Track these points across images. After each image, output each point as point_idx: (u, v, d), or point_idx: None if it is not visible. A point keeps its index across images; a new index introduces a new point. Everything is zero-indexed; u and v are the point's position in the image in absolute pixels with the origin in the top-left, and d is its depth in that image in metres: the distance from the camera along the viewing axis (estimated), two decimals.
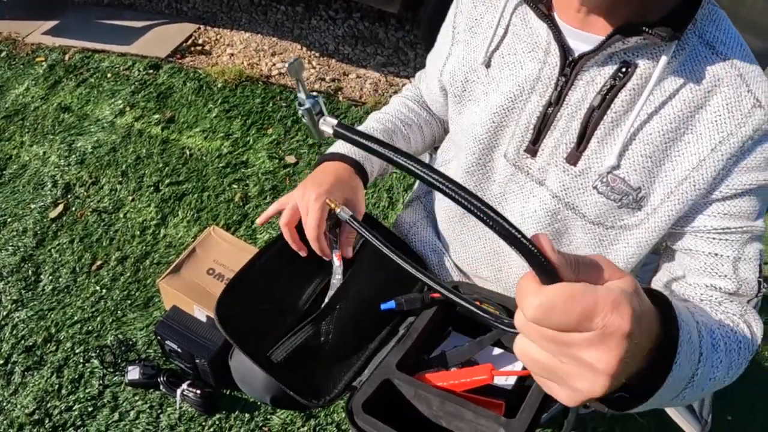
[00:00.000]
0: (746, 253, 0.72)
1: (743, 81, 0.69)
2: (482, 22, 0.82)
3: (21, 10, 2.80)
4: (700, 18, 0.69)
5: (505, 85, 0.77)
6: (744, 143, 0.68)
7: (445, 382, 0.75)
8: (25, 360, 1.51)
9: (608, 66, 0.69)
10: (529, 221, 0.81)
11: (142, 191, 1.95)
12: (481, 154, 0.82)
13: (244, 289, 0.85)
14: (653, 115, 0.69)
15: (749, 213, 0.71)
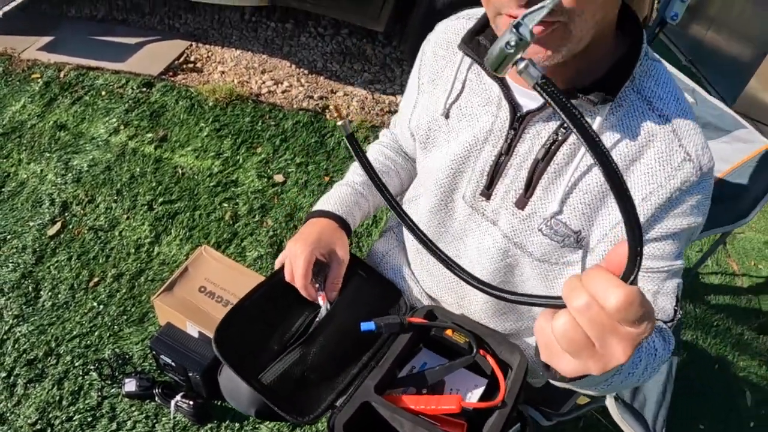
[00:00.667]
0: (665, 288, 0.83)
1: (676, 136, 0.78)
2: (442, 76, 0.94)
3: (16, 24, 2.89)
4: (639, 74, 0.79)
5: (462, 135, 0.89)
6: (672, 194, 0.78)
7: (417, 406, 0.89)
8: (27, 372, 1.63)
9: (552, 122, 0.81)
10: (484, 256, 0.94)
11: (136, 210, 2.09)
12: (443, 196, 0.95)
13: (241, 317, 0.99)
14: (591, 167, 0.80)
15: (671, 254, 0.82)
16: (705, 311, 2.59)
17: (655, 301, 0.84)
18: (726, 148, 1.49)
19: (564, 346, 0.50)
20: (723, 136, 1.49)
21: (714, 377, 2.32)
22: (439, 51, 0.95)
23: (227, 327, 0.96)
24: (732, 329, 2.58)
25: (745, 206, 1.46)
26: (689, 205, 0.79)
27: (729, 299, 2.74)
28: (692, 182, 0.78)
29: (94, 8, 3.15)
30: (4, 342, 1.68)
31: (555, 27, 0.67)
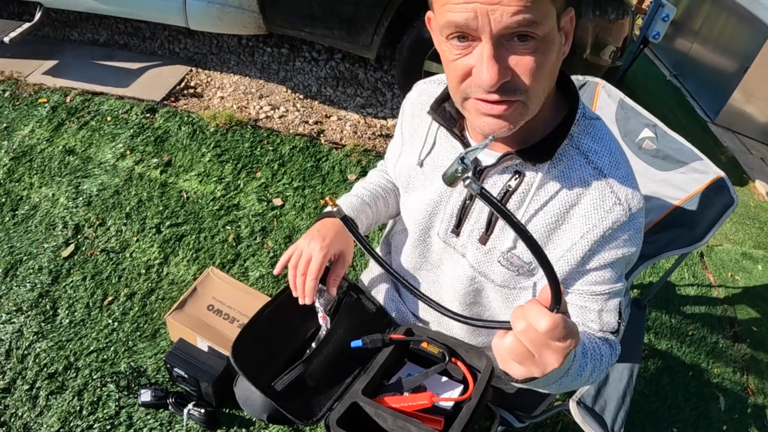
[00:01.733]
0: (607, 306, 1.02)
1: (608, 185, 0.94)
2: (418, 132, 1.14)
3: (20, 48, 3.07)
4: (577, 133, 0.96)
5: (435, 183, 1.09)
6: (605, 232, 0.95)
7: (398, 404, 1.10)
8: (49, 385, 1.80)
9: (505, 174, 1.00)
10: (456, 282, 1.14)
11: (145, 232, 2.28)
12: (422, 233, 1.15)
13: (253, 333, 1.18)
14: (539, 211, 0.99)
15: (610, 279, 1.01)
16: (680, 321, 2.77)
17: (600, 318, 1.03)
18: (683, 178, 1.68)
19: (512, 357, 0.73)
20: (681, 167, 1.68)
21: (687, 384, 2.49)
22: (414, 110, 1.15)
23: (242, 343, 1.16)
24: (707, 338, 2.75)
25: (700, 231, 1.63)
26: (622, 240, 0.97)
27: (705, 309, 2.92)
28: (623, 221, 0.95)
29: (96, 32, 3.35)
30: (25, 357, 1.85)
31: (515, 105, 0.84)
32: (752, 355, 2.79)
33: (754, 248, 3.64)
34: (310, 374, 1.17)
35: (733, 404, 2.51)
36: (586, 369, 0.93)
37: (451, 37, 0.81)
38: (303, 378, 1.16)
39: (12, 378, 1.79)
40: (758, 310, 3.11)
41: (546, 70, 0.83)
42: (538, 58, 0.80)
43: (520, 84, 0.82)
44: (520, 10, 0.74)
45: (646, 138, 1.71)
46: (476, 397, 1.11)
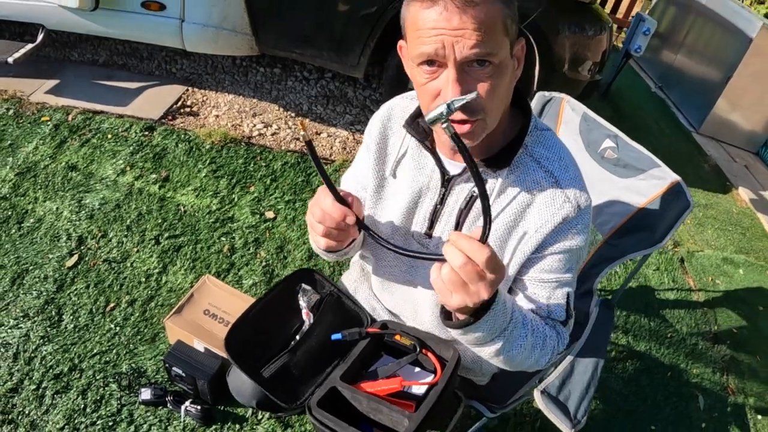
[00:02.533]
0: (555, 294, 1.17)
1: (558, 185, 1.10)
2: (388, 144, 1.27)
3: (23, 68, 3.18)
4: (530, 143, 1.12)
5: (406, 191, 1.23)
6: (556, 226, 1.10)
7: (372, 388, 1.24)
8: (54, 385, 1.93)
9: (470, 182, 1.15)
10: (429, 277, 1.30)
11: (144, 243, 2.43)
12: (398, 236, 1.28)
13: (243, 327, 1.34)
14: (500, 212, 1.14)
15: (559, 269, 1.15)
16: (659, 324, 2.89)
17: (548, 305, 1.18)
18: (643, 184, 1.82)
19: (450, 288, 0.89)
20: (640, 174, 1.83)
21: (666, 384, 2.61)
22: (387, 123, 1.29)
23: (235, 334, 1.30)
24: (686, 340, 2.87)
25: (659, 233, 1.77)
26: (571, 233, 1.13)
27: (684, 313, 3.04)
28: (571, 217, 1.11)
29: (96, 53, 3.51)
30: (32, 359, 1.98)
31: (477, 123, 1.00)
32: (732, 356, 2.90)
33: (736, 253, 3.75)
34: (295, 363, 1.32)
35: (712, 403, 2.62)
36: (526, 340, 1.08)
37: (421, 64, 0.97)
38: (288, 366, 1.31)
39: (20, 379, 1.93)
40: (739, 313, 3.22)
41: (501, 91, 1.00)
42: (494, 81, 0.97)
43: (479, 104, 0.98)
44: (479, 43, 0.91)
45: (608, 148, 1.86)
46: (443, 382, 1.26)
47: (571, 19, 3.16)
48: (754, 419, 2.65)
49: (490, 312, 0.95)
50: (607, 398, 2.45)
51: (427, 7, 0.92)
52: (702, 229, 3.89)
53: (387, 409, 1.20)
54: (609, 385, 2.50)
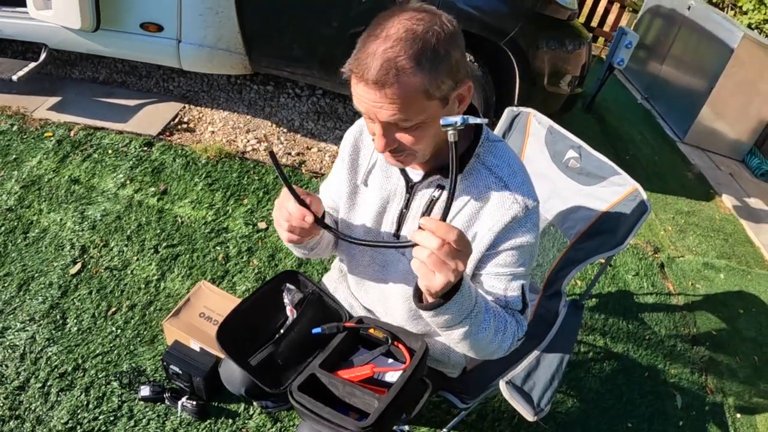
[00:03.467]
0: (511, 286, 1.31)
1: (507, 188, 1.24)
2: (360, 155, 1.43)
3: (26, 85, 3.34)
4: (482, 153, 1.26)
5: (377, 197, 1.39)
6: (506, 224, 1.23)
7: (347, 375, 1.40)
8: (59, 383, 2.07)
9: (431, 188, 1.31)
10: (400, 277, 1.44)
11: (144, 252, 2.59)
12: (370, 238, 1.46)
13: (234, 322, 1.49)
14: (457, 214, 1.29)
15: (512, 263, 1.27)
16: (638, 327, 3.01)
17: (506, 296, 1.32)
18: (604, 191, 1.97)
19: (432, 268, 0.99)
20: (602, 181, 1.97)
21: (643, 383, 2.73)
22: (358, 137, 1.45)
23: (226, 326, 1.47)
24: (665, 342, 2.99)
25: (620, 236, 1.89)
26: (521, 231, 1.27)
27: (663, 316, 3.17)
28: (520, 217, 1.24)
29: (96, 71, 3.66)
30: (38, 360, 2.12)
31: (405, 155, 1.17)
32: (711, 357, 3.03)
33: (717, 258, 3.87)
34: (279, 353, 1.48)
35: (690, 402, 2.74)
36: (490, 324, 1.21)
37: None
38: (273, 356, 1.47)
39: (26, 377, 2.07)
40: (719, 316, 3.34)
41: (427, 138, 1.15)
42: (416, 134, 1.13)
43: (405, 148, 1.15)
44: (394, 114, 1.07)
45: (571, 158, 2.02)
46: (410, 368, 1.42)
47: (549, 34, 3.31)
48: (732, 417, 2.76)
49: (457, 294, 1.06)
50: (584, 397, 2.58)
51: (356, 82, 1.07)
52: (684, 236, 4.01)
53: (360, 393, 1.36)
54: (585, 384, 2.63)
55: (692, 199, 4.55)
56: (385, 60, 1.02)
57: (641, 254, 3.62)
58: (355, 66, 1.06)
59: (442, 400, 2.20)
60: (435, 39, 1.04)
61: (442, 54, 1.05)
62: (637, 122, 5.53)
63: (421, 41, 1.03)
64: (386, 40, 1.03)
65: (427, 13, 1.07)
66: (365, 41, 1.06)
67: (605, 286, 3.25)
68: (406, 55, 1.02)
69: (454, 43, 1.07)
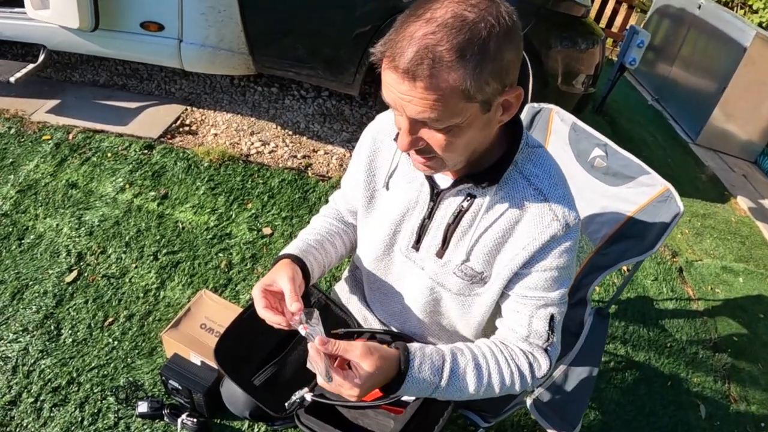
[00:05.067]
0: (538, 314, 1.17)
1: (547, 203, 1.09)
2: (380, 155, 1.28)
3: (25, 88, 3.25)
4: (521, 160, 1.11)
5: (396, 203, 1.25)
6: (543, 244, 1.09)
7: None
8: (52, 398, 1.93)
9: (459, 196, 1.16)
10: (417, 292, 1.30)
11: (143, 260, 2.46)
12: (385, 249, 1.31)
13: (233, 337, 1.35)
14: (488, 228, 1.14)
15: (544, 287, 1.15)
16: (658, 334, 2.88)
17: (530, 324, 1.17)
18: (632, 192, 1.84)
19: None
20: (629, 182, 1.84)
21: (665, 393, 2.60)
22: (377, 136, 1.30)
23: (224, 343, 1.32)
24: (686, 349, 2.86)
25: (650, 240, 1.78)
26: (558, 251, 1.12)
27: (684, 322, 3.04)
28: (559, 235, 1.10)
29: (96, 74, 3.56)
30: (30, 373, 1.99)
31: (434, 160, 1.03)
32: (734, 364, 2.89)
33: (735, 262, 3.76)
34: (285, 372, 1.33)
35: (713, 412, 2.60)
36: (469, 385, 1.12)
37: None
38: (278, 375, 1.32)
39: (18, 392, 1.94)
40: (739, 321, 3.22)
41: (458, 145, 0.99)
42: (448, 137, 0.97)
43: (433, 151, 1.00)
44: (424, 111, 0.91)
45: (597, 156, 1.87)
46: None
47: (563, 33, 3.19)
48: (757, 427, 2.64)
49: (403, 386, 1.06)
50: (605, 408, 2.44)
51: (386, 67, 0.92)
52: (700, 239, 3.89)
53: (373, 413, 1.21)
54: (606, 396, 2.49)
55: (707, 201, 4.42)
56: (423, 47, 0.86)
57: (659, 258, 3.47)
58: (388, 49, 0.91)
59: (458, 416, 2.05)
60: (487, 32, 0.88)
61: (492, 51, 0.89)
62: (648, 124, 5.42)
63: (469, 31, 0.87)
64: (428, 23, 0.87)
65: (484, 0, 0.91)
66: (404, 21, 0.90)
67: (624, 291, 3.11)
68: (448, 44, 0.86)
69: (510, 40, 0.91)
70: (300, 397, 1.27)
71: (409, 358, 1.06)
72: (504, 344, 1.20)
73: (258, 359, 1.34)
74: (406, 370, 1.05)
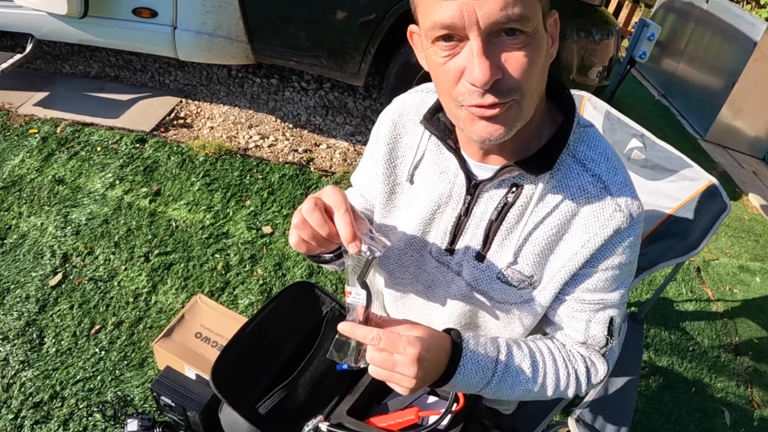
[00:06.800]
0: (596, 318, 0.99)
1: (607, 191, 0.91)
2: (401, 144, 1.07)
3: (13, 80, 3.10)
4: (573, 141, 0.93)
5: (422, 200, 1.04)
6: (606, 240, 0.92)
7: (384, 422, 1.05)
8: (34, 414, 1.75)
9: (502, 188, 0.96)
10: (450, 302, 1.10)
11: (133, 261, 2.25)
12: (413, 252, 1.10)
13: (233, 356, 1.14)
14: (539, 224, 0.95)
15: (604, 288, 0.97)
16: (680, 337, 2.73)
17: (588, 329, 1.00)
18: (673, 186, 1.65)
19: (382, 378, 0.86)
20: (670, 176, 1.66)
21: (690, 399, 2.46)
22: (399, 120, 1.08)
23: (222, 366, 1.11)
24: (708, 353, 2.73)
25: (694, 238, 1.59)
26: (622, 247, 0.94)
27: (704, 324, 2.90)
28: (623, 228, 0.92)
29: (88, 65, 3.37)
30: (10, 386, 1.81)
31: (509, 105, 0.80)
32: (755, 368, 2.78)
33: (751, 261, 3.65)
34: (295, 397, 1.12)
35: (738, 418, 2.48)
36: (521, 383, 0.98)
37: (437, 40, 0.78)
38: (287, 401, 1.11)
39: None
40: (758, 323, 3.10)
41: (537, 68, 0.80)
42: (528, 53, 0.77)
43: (512, 82, 0.78)
44: (508, 4, 0.72)
45: (635, 148, 1.68)
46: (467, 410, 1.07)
47: (578, 23, 3.02)
48: None
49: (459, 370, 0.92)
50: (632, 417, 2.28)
51: None
52: (716, 237, 3.77)
53: None
54: None
55: None
56: None
57: None
58: None
59: None
60: None
61: None
62: (657, 119, 5.29)
63: None
64: None
65: None
66: None
67: (643, 293, 2.94)
68: None
69: None
70: (314, 427, 1.07)
71: (463, 338, 0.94)
72: (562, 344, 1.05)
73: (264, 381, 1.13)
74: (459, 353, 0.91)
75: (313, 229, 0.86)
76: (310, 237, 0.87)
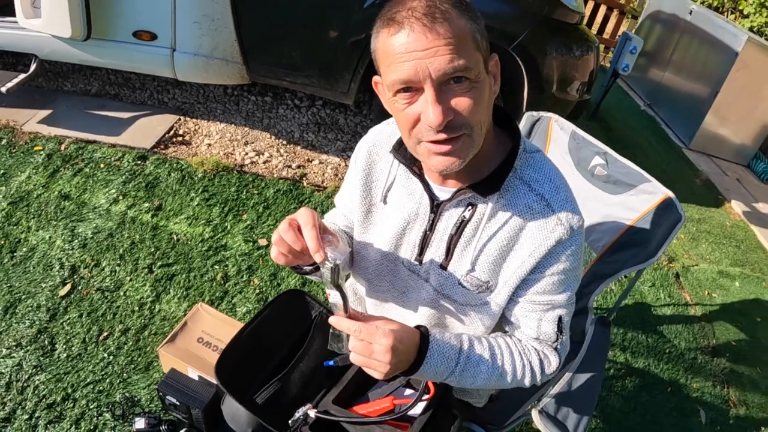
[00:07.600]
0: (547, 316, 1.17)
1: (550, 208, 1.08)
2: (375, 169, 1.25)
3: (16, 98, 3.22)
4: (520, 166, 1.10)
5: (394, 217, 1.22)
6: (549, 249, 1.08)
7: (364, 410, 1.23)
8: (47, 415, 1.90)
9: (460, 207, 1.14)
10: (422, 304, 1.28)
11: (138, 272, 2.42)
12: (388, 263, 1.28)
13: (233, 354, 1.32)
14: (492, 237, 1.13)
15: (551, 291, 1.14)
16: (657, 340, 2.87)
17: (539, 326, 1.17)
18: (633, 199, 1.82)
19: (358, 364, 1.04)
20: (630, 190, 1.83)
21: (667, 399, 2.59)
22: (373, 149, 1.27)
23: (225, 361, 1.29)
24: (685, 354, 2.86)
25: (652, 247, 1.76)
26: (564, 255, 1.12)
27: (682, 327, 3.03)
28: (564, 239, 1.10)
29: (88, 83, 3.52)
30: (25, 389, 1.96)
31: (462, 139, 0.99)
32: (732, 369, 2.89)
33: (731, 266, 3.76)
34: (288, 389, 1.30)
35: (714, 417, 2.60)
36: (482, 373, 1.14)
37: (398, 92, 0.96)
38: (281, 392, 1.29)
39: (12, 408, 1.90)
40: (737, 325, 3.22)
41: (482, 106, 0.98)
42: (473, 95, 0.95)
43: (462, 120, 0.96)
44: (453, 58, 0.90)
45: (597, 165, 1.86)
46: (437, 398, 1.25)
47: (558, 40, 3.18)
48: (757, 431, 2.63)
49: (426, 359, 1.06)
50: (607, 416, 2.43)
51: (394, 33, 0.92)
52: (696, 244, 3.89)
53: (379, 429, 1.19)
54: (608, 403, 2.48)
55: (702, 206, 4.43)
56: (429, 2, 0.93)
57: (656, 264, 3.47)
58: (393, 15, 0.93)
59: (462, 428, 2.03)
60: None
61: (476, 11, 0.98)
62: (642, 129, 5.42)
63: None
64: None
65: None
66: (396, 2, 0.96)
67: (613, 295, 3.09)
68: (447, 2, 0.94)
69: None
70: (303, 414, 1.25)
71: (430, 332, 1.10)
72: (518, 339, 1.22)
73: (260, 376, 1.31)
74: (427, 345, 1.07)
75: (288, 245, 1.03)
76: (287, 251, 1.04)
